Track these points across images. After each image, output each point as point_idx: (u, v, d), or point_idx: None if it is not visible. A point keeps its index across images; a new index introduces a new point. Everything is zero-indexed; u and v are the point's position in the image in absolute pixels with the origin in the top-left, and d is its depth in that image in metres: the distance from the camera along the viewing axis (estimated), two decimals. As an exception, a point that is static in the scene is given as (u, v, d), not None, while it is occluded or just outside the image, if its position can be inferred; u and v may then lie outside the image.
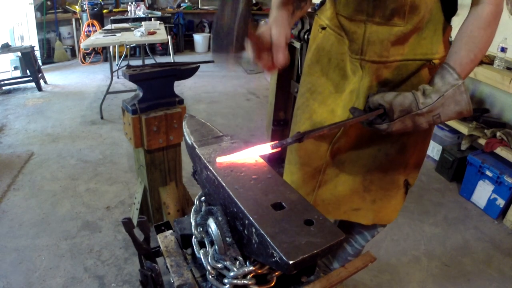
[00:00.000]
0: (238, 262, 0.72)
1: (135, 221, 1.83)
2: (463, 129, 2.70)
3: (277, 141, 0.78)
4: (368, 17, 0.94)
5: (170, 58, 5.50)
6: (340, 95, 1.07)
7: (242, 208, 0.67)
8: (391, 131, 0.86)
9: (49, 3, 5.88)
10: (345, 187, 1.17)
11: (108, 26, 4.62)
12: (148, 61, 4.99)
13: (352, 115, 0.92)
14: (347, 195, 1.18)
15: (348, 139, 1.10)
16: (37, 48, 5.23)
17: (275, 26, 0.83)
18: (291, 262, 0.56)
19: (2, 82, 4.54)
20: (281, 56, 0.81)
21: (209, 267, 0.74)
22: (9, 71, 5.19)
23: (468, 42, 0.85)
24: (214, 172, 0.78)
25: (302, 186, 1.21)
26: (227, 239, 0.73)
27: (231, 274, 0.70)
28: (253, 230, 0.64)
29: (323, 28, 1.09)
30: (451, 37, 1.01)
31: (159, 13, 6.28)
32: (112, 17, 5.70)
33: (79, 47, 6.07)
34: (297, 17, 1.00)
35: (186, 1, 7.04)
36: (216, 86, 5.00)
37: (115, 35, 3.89)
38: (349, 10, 0.98)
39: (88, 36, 5.32)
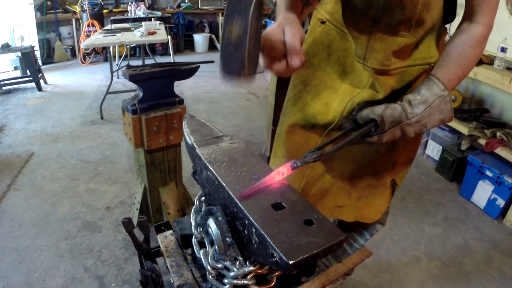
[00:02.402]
0: (238, 262, 0.72)
1: (135, 221, 1.83)
2: (463, 129, 2.70)
3: (295, 160, 0.75)
4: (374, 23, 0.94)
5: (170, 58, 5.49)
6: (336, 90, 1.07)
7: (242, 208, 0.67)
8: (381, 142, 0.88)
9: (49, 3, 5.88)
10: (332, 182, 1.16)
11: (108, 26, 4.61)
12: (148, 61, 4.99)
13: (343, 125, 0.94)
14: (333, 191, 1.18)
15: (339, 133, 1.10)
16: (37, 48, 5.23)
17: (288, 28, 0.76)
18: (291, 262, 0.56)
19: (2, 82, 4.54)
20: (297, 59, 0.74)
21: (209, 267, 0.74)
22: (9, 71, 5.19)
23: (458, 60, 0.88)
24: (214, 172, 0.78)
25: (287, 180, 1.20)
26: (227, 239, 0.73)
27: (231, 274, 0.70)
28: (253, 230, 0.64)
29: (323, 22, 1.08)
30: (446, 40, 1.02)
31: (159, 13, 6.28)
32: (112, 17, 5.70)
33: (79, 47, 6.07)
34: (306, 14, 0.99)
35: (186, 1, 7.04)
36: (216, 86, 5.00)
37: (115, 35, 3.89)
38: (356, 14, 0.97)
39: (88, 36, 5.32)
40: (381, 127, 0.86)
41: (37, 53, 5.10)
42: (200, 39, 6.93)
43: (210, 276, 0.74)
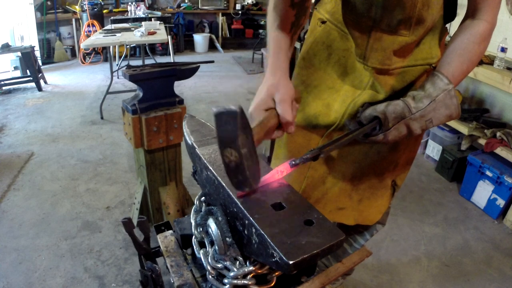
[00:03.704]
0: (238, 262, 0.72)
1: (135, 221, 1.83)
2: (463, 129, 2.70)
3: (293, 158, 0.77)
4: (374, 23, 0.94)
5: (170, 58, 5.49)
6: (337, 91, 1.07)
7: (242, 208, 0.67)
8: (387, 140, 0.87)
9: (49, 3, 5.88)
10: (334, 184, 1.16)
11: (108, 26, 4.62)
12: (148, 61, 4.99)
13: (347, 126, 0.94)
14: (335, 193, 1.17)
15: (341, 134, 1.10)
16: (37, 48, 5.23)
17: (278, 96, 0.80)
18: (291, 262, 0.56)
19: (2, 82, 4.54)
20: (292, 128, 0.80)
21: (209, 267, 0.74)
22: (9, 71, 5.19)
23: (462, 55, 0.87)
24: (214, 172, 0.78)
25: (289, 182, 1.19)
26: (227, 239, 0.73)
27: (231, 274, 0.70)
28: (253, 230, 0.64)
29: (323, 22, 1.08)
30: (446, 40, 1.02)
31: (159, 13, 6.28)
32: (112, 17, 5.70)
33: (79, 47, 6.07)
34: (295, 41, 0.98)
35: (186, 1, 7.04)
36: (216, 86, 5.00)
37: (115, 35, 3.89)
38: (356, 14, 0.97)
39: (88, 36, 5.32)
40: (385, 124, 0.85)
41: (37, 53, 5.10)
42: (200, 39, 6.93)
43: (210, 276, 0.74)
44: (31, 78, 4.56)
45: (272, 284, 0.71)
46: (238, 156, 0.63)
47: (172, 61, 2.03)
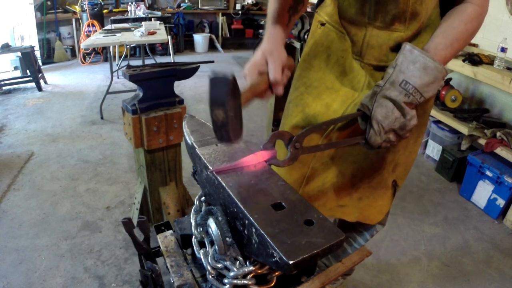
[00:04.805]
0: (238, 262, 0.72)
1: (135, 221, 1.83)
2: (463, 129, 2.70)
3: (273, 158, 0.83)
4: (369, 20, 0.95)
5: (170, 58, 5.49)
6: (337, 91, 1.07)
7: (242, 208, 0.67)
8: (379, 119, 0.84)
9: (49, 3, 5.88)
10: (333, 183, 1.16)
11: (108, 26, 4.62)
12: (148, 61, 4.99)
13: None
14: (334, 192, 1.18)
15: (340, 135, 1.10)
16: (37, 48, 5.23)
17: (270, 59, 0.86)
18: (291, 262, 0.56)
19: (2, 82, 4.54)
20: (280, 89, 0.86)
21: (209, 267, 0.74)
22: (9, 71, 5.19)
23: (446, 30, 0.87)
24: (214, 172, 0.78)
25: (288, 182, 1.20)
26: (227, 239, 0.73)
27: (231, 274, 0.70)
28: (253, 230, 0.64)
29: (323, 24, 1.09)
30: None
31: (159, 13, 6.28)
32: (112, 17, 5.69)
33: (79, 47, 6.07)
34: (293, 23, 1.02)
35: (186, 1, 7.04)
36: (216, 86, 4.99)
37: (115, 35, 3.89)
38: (351, 11, 0.98)
39: (88, 36, 5.32)
40: (365, 109, 0.86)
41: (37, 53, 5.10)
42: (200, 39, 6.93)
43: (210, 276, 0.74)
44: (31, 78, 4.55)
45: (272, 284, 0.71)
46: (225, 116, 0.71)
47: (172, 61, 2.03)
